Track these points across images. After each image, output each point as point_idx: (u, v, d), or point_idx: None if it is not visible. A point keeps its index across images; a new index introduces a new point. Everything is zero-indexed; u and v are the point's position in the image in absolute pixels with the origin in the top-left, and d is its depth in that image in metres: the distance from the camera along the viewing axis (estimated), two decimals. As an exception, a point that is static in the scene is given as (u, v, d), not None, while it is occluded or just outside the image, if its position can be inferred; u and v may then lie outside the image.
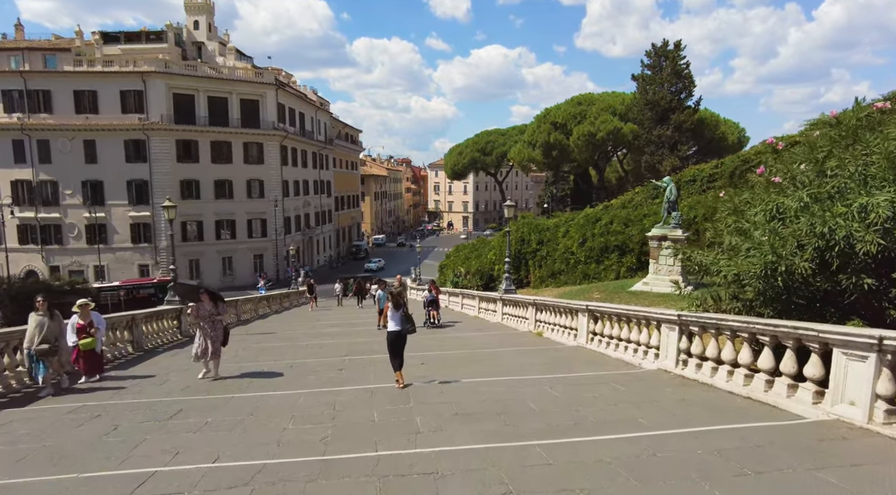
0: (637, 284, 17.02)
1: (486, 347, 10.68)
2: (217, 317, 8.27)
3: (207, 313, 8.19)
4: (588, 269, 22.66)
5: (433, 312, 14.29)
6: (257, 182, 46.18)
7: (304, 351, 11.05)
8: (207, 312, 8.19)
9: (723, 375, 6.55)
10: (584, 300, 16.31)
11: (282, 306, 26.47)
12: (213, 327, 8.17)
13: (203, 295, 8.38)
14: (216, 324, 8.24)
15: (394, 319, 7.29)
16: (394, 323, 7.28)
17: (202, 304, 8.27)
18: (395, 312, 7.32)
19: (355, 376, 8.05)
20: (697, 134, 41.01)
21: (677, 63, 38.79)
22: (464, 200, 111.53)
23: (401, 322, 7.26)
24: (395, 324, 7.28)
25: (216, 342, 8.16)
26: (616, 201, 28.22)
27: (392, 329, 7.28)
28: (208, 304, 8.29)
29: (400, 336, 7.27)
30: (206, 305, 8.26)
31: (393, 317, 7.31)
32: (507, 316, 15.15)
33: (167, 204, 13.43)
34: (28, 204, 40.48)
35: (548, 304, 12.20)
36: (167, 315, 13.28)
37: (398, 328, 7.25)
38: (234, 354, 10.70)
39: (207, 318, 8.14)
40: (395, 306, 7.36)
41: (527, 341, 11.47)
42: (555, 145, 40.63)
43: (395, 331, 7.26)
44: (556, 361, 8.86)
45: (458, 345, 11.25)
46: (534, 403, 6.04)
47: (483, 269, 27.58)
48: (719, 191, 22.50)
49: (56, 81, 39.65)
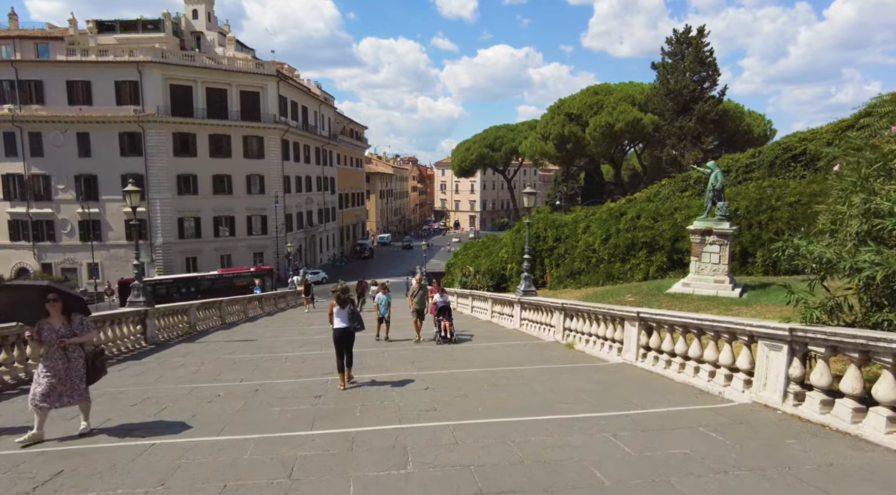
0: (675, 285, 14.79)
1: (509, 364, 8.54)
2: (71, 341, 5.02)
3: (56, 335, 4.97)
4: (612, 269, 20.44)
5: (444, 323, 11.25)
6: (257, 177, 44.38)
7: (283, 365, 8.98)
8: (57, 334, 4.97)
9: (879, 424, 4.36)
10: (617, 304, 14.13)
11: (276, 307, 24.49)
12: (65, 358, 5.00)
13: (52, 303, 5.00)
14: (70, 353, 5.04)
15: (339, 316, 7.08)
16: (340, 320, 7.07)
17: (49, 321, 5.01)
18: (340, 310, 7.11)
19: (335, 410, 5.95)
20: (721, 126, 38.51)
21: (701, 50, 36.32)
22: (470, 199, 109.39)
23: (348, 319, 7.07)
24: (340, 321, 7.07)
25: (73, 380, 5.04)
26: (640, 194, 25.94)
27: (338, 326, 7.06)
28: (58, 320, 5.03)
29: (346, 333, 7.06)
30: (56, 322, 5.02)
31: (339, 315, 7.09)
32: (527, 322, 13.00)
33: (130, 188, 11.43)
34: (19, 199, 38.99)
35: (581, 310, 10.02)
36: (129, 318, 11.27)
37: (344, 325, 7.05)
38: (196, 370, 8.66)
39: (56, 344, 4.95)
40: (340, 303, 7.12)
41: (557, 356, 9.31)
42: (569, 137, 38.26)
43: (340, 329, 7.04)
44: (604, 387, 6.70)
45: (473, 360, 9.12)
46: (598, 469, 3.91)
47: (494, 269, 25.42)
48: (759, 181, 20.23)
49: (48, 71, 38.11)
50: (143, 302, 11.69)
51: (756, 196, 17.70)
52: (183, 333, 13.78)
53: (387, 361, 9.05)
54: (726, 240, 13.89)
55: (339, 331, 7.04)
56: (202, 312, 15.47)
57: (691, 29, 36.81)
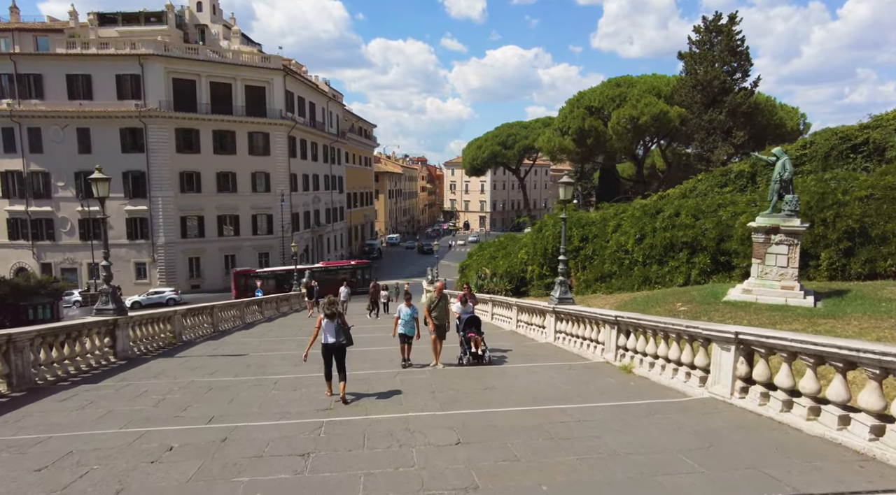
0: (732, 291, 12.69)
1: (560, 399, 6.58)
2: None
3: None
4: (648, 272, 18.34)
5: (475, 337, 9.02)
6: (263, 175, 42.83)
7: (268, 395, 7.10)
8: None
9: None
10: (667, 313, 12.09)
11: (278, 311, 22.75)
12: None
13: None
14: None
15: (328, 331, 6.74)
16: (328, 334, 6.73)
17: None
18: (329, 323, 6.73)
19: (327, 483, 4.03)
20: (751, 120, 36.09)
21: (733, 38, 33.91)
22: (481, 199, 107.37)
23: (335, 333, 6.72)
24: (329, 336, 6.72)
25: None
26: (674, 191, 23.75)
27: (327, 341, 6.73)
28: None
29: (336, 347, 6.72)
30: None
31: (327, 329, 6.74)
32: (564, 336, 11.01)
33: (96, 175, 9.66)
34: (18, 196, 37.80)
35: (643, 325, 8.00)
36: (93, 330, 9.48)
37: (333, 340, 6.71)
38: (159, 401, 6.82)
39: None
40: (328, 317, 6.72)
41: (617, 386, 7.33)
42: (590, 132, 36.05)
43: (330, 344, 6.71)
44: (709, 445, 4.71)
45: (512, 391, 7.16)
46: None
47: (512, 271, 23.43)
48: (819, 174, 18.00)
49: (48, 65, 36.90)
50: (113, 309, 9.90)
51: (818, 190, 15.48)
52: (166, 344, 12.01)
53: (402, 391, 7.13)
54: (796, 240, 11.77)
55: (326, 346, 6.71)
56: (190, 319, 13.70)
57: (721, 16, 34.48)
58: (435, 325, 9.01)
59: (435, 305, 9.17)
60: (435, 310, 9.10)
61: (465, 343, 9.06)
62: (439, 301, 9.21)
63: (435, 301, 9.24)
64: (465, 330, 9.15)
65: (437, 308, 9.14)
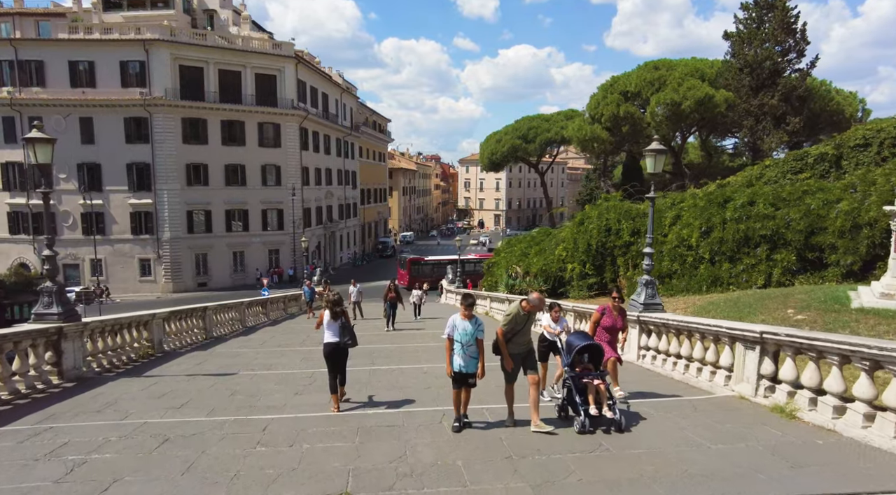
0: (861, 295, 9.80)
1: (724, 479, 3.86)
2: None
3: None
4: (718, 271, 15.44)
5: (595, 384, 5.24)
6: (273, 167, 40.63)
7: (250, 459, 4.52)
8: None
9: None
10: (776, 322, 9.25)
11: (285, 313, 20.34)
12: None
13: None
14: None
15: (330, 329, 6.11)
16: (330, 333, 6.11)
17: None
18: (332, 322, 6.11)
19: None
20: (805, 105, 32.73)
21: (787, 14, 30.63)
22: (496, 198, 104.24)
23: (339, 333, 6.06)
24: (331, 334, 6.10)
25: None
26: (736, 178, 20.74)
27: (328, 340, 6.12)
28: None
29: (337, 348, 6.08)
30: None
31: (330, 327, 6.12)
32: (655, 354, 8.27)
33: (34, 134, 7.21)
34: (19, 189, 36.13)
35: (817, 346, 5.19)
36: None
37: (335, 340, 6.07)
38: (80, 462, 4.28)
39: None
40: (332, 316, 6.10)
41: (794, 447, 4.57)
42: (625, 119, 33.01)
43: (331, 344, 6.10)
44: None
45: (640, 479, 4.42)
46: None
47: (549, 270, 20.66)
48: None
49: (50, 51, 35.12)
50: (58, 314, 7.44)
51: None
52: (139, 357, 9.58)
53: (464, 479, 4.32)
54: (955, 229, 8.89)
55: (329, 345, 6.15)
56: (175, 324, 11.26)
57: (774, -10, 31.19)
58: (511, 353, 5.24)
59: (519, 323, 5.27)
60: (518, 332, 5.29)
61: (578, 391, 5.24)
62: (525, 320, 5.31)
63: (519, 316, 5.25)
64: (572, 363, 5.41)
65: (522, 326, 5.29)
